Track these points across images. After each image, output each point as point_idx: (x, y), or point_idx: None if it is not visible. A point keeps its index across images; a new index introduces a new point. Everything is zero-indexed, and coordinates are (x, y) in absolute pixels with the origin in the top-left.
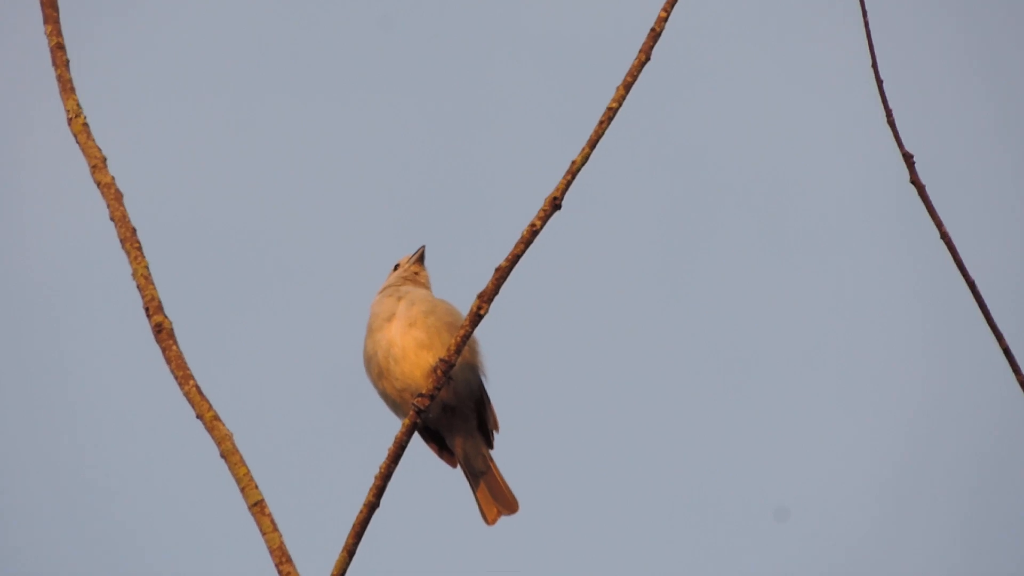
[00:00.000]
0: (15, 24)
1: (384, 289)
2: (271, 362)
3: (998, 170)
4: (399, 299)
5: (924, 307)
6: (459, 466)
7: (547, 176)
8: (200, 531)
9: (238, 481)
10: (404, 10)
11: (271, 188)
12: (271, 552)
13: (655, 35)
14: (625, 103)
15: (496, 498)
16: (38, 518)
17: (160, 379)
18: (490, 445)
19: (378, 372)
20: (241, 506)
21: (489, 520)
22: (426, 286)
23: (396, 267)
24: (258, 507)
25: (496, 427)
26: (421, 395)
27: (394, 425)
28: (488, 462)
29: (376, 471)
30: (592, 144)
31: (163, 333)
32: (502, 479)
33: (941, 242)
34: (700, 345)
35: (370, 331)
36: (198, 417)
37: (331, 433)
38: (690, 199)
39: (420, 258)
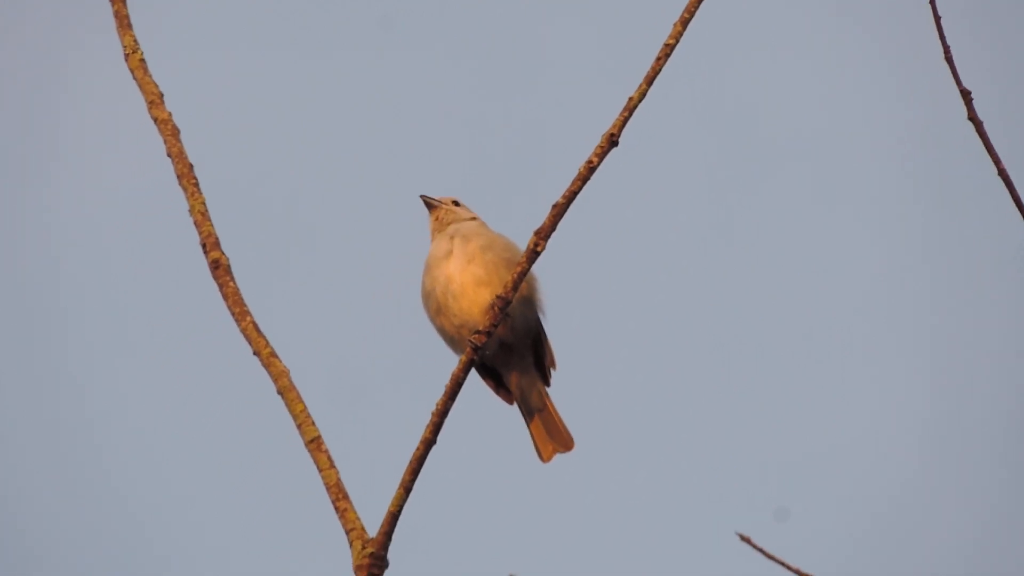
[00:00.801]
0: None
1: (432, 235)
2: (328, 298)
3: None
4: (451, 237)
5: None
6: (515, 403)
7: (604, 113)
8: (257, 468)
9: (295, 418)
10: None
11: (328, 123)
12: (328, 489)
13: None
14: (682, 40)
15: (552, 436)
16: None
17: (217, 316)
18: (547, 382)
19: (436, 309)
20: (298, 443)
21: (544, 458)
22: (461, 212)
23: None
24: (315, 444)
25: (553, 364)
26: (478, 332)
27: (451, 361)
28: (544, 399)
29: (433, 408)
30: (649, 81)
31: (220, 269)
32: (558, 416)
33: (999, 179)
34: (757, 281)
35: (428, 268)
36: (255, 354)
37: (388, 370)
38: (745, 137)
39: (427, 207)
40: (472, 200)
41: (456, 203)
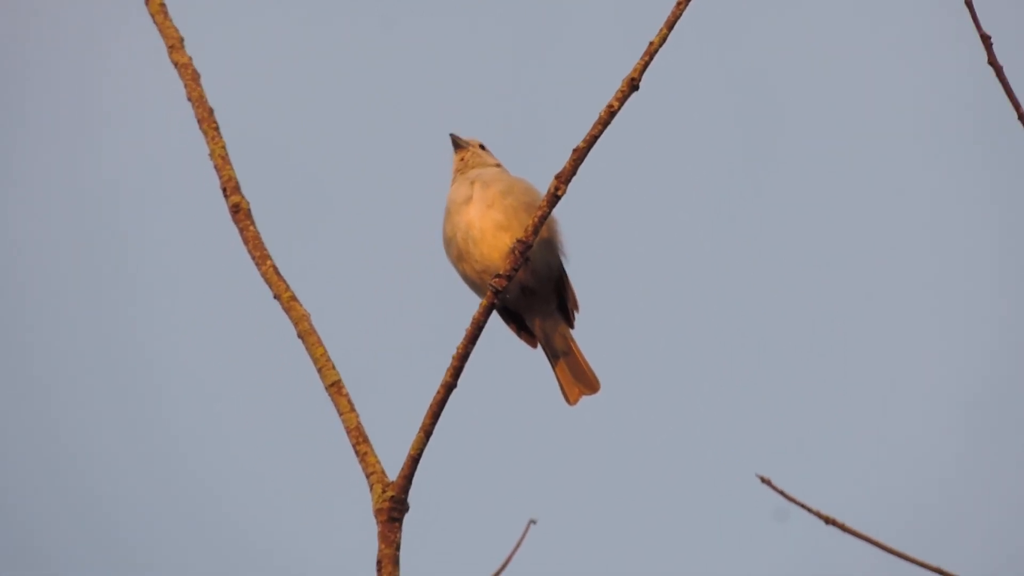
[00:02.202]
0: None
1: (453, 179)
2: (348, 242)
3: None
4: (472, 182)
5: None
6: (539, 346)
7: (625, 58)
8: (278, 411)
9: (315, 361)
10: None
11: (350, 70)
12: (348, 432)
13: None
14: None
15: (577, 378)
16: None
17: (237, 259)
18: (571, 325)
19: (457, 254)
20: (318, 386)
21: (571, 400)
22: (486, 156)
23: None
24: (335, 387)
25: (576, 307)
26: (498, 276)
27: (474, 305)
28: (569, 342)
29: (453, 352)
30: (670, 25)
31: (240, 213)
32: (583, 359)
33: (1020, 124)
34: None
35: (448, 214)
36: (275, 297)
37: (409, 314)
38: (765, 84)
39: (454, 145)
40: (494, 145)
41: (482, 147)
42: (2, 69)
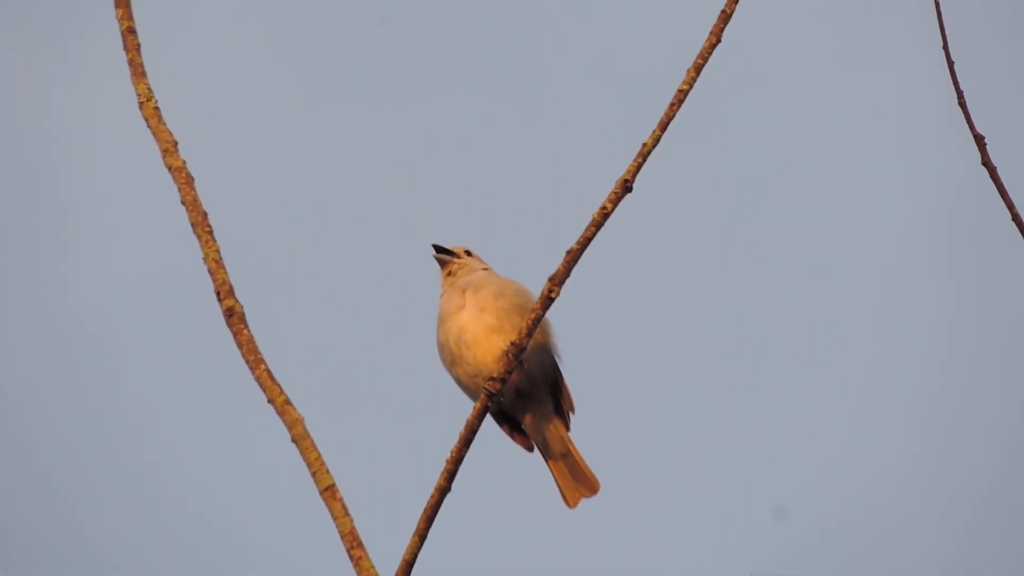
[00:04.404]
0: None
1: (443, 291)
2: (342, 345)
3: None
4: (463, 290)
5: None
6: (536, 450)
7: (618, 159)
8: (272, 515)
9: (309, 465)
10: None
11: (341, 171)
12: (342, 537)
13: (726, 17)
14: (696, 85)
15: (577, 480)
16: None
17: (231, 363)
18: (567, 427)
19: (450, 359)
20: (312, 490)
21: (571, 503)
22: (473, 264)
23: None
24: (329, 492)
25: (572, 408)
26: (492, 379)
27: (467, 409)
28: (567, 444)
29: (448, 455)
30: (663, 126)
31: (234, 317)
32: (582, 460)
33: (1013, 224)
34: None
35: (440, 321)
36: (269, 401)
37: (403, 417)
38: (760, 183)
39: (440, 263)
40: (487, 246)
41: (468, 252)
42: None
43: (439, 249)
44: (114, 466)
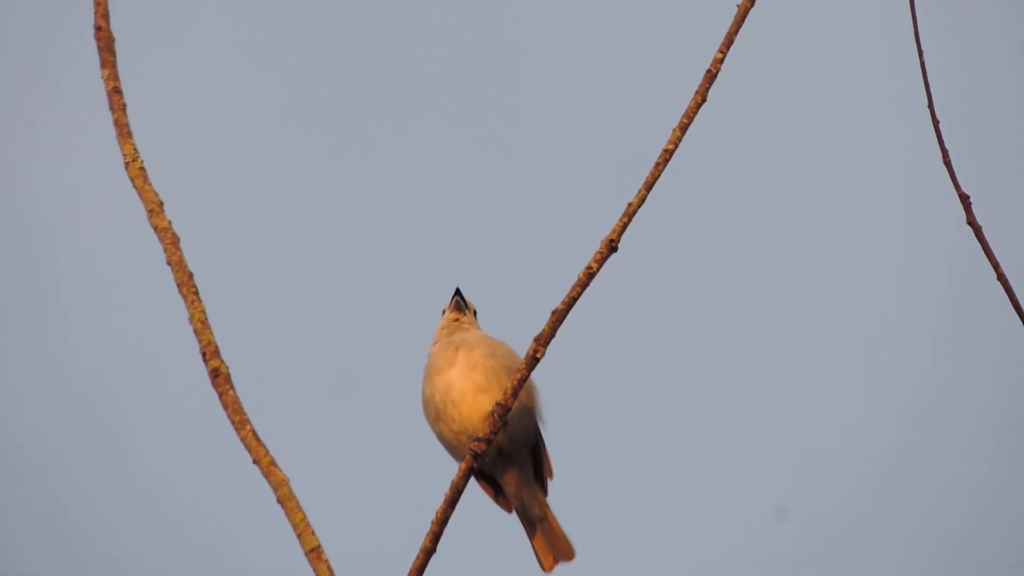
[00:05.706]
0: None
1: (437, 340)
2: (327, 406)
3: None
4: (456, 348)
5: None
6: (515, 512)
7: (603, 218)
8: None
9: (295, 527)
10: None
11: (327, 232)
12: None
13: (711, 76)
14: (681, 145)
15: (553, 545)
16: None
17: (217, 424)
18: (545, 492)
19: (435, 415)
20: (298, 552)
21: (546, 568)
22: (474, 326)
23: (443, 312)
24: (315, 553)
25: (551, 474)
26: (478, 439)
27: (451, 467)
28: (544, 509)
29: (433, 516)
30: (648, 186)
31: (220, 378)
32: (558, 526)
33: (998, 284)
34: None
35: (428, 375)
36: (255, 462)
37: (388, 478)
38: (747, 241)
39: (456, 305)
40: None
41: (475, 313)
42: None
43: (461, 297)
44: (102, 526)
